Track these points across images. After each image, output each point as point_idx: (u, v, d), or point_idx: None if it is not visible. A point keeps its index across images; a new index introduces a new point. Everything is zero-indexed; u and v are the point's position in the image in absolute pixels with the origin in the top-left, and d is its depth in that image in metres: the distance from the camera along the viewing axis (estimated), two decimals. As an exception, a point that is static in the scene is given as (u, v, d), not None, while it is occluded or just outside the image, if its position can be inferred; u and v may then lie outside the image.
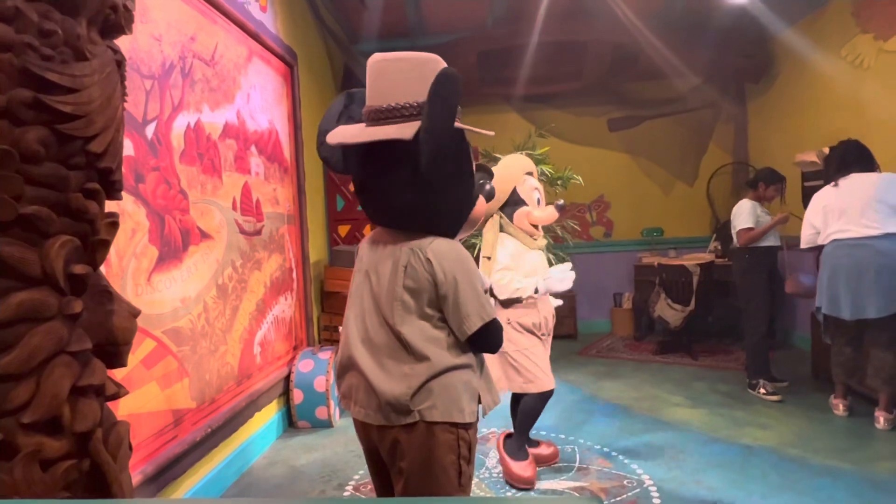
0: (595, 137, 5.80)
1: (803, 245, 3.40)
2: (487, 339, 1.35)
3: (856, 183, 3.10)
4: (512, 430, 2.71)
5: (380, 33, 5.22)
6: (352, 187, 4.49)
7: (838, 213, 3.13)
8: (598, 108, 5.75)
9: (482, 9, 4.98)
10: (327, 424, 3.41)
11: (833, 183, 3.22)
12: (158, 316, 2.18)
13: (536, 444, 2.80)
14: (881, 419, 3.08)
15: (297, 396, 3.39)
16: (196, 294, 2.47)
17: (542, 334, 2.58)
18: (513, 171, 2.62)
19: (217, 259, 2.67)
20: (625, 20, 4.46)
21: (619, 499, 2.41)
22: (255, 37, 3.17)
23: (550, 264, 2.74)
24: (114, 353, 1.03)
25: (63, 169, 0.91)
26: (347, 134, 1.34)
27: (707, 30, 4.73)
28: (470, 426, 1.36)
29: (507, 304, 2.53)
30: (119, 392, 1.04)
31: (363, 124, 1.36)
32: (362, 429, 1.43)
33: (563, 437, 3.14)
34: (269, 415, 3.23)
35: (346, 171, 1.45)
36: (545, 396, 2.57)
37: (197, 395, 2.44)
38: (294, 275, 3.72)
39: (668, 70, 4.96)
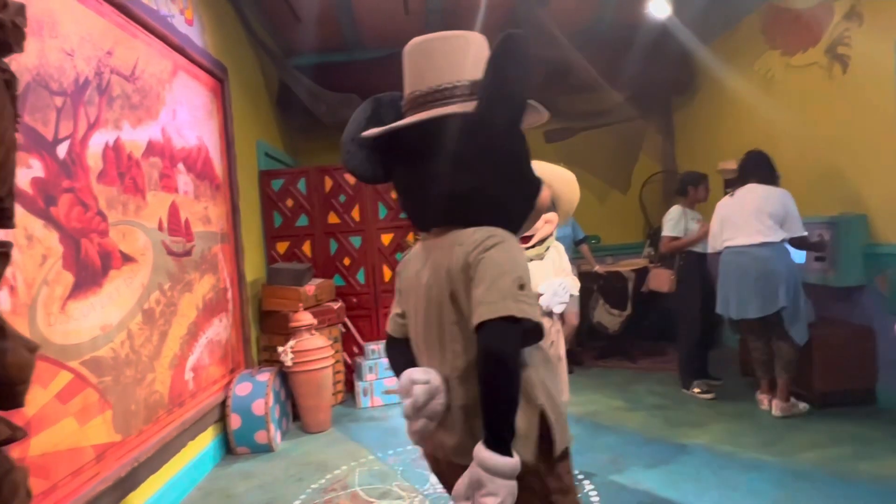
0: (532, 149, 5.90)
1: (709, 250, 3.70)
2: (500, 346, 1.00)
3: (748, 195, 3.36)
4: None
5: (315, 47, 5.17)
6: (290, 202, 4.43)
7: (731, 223, 3.40)
8: (535, 121, 5.88)
9: (418, 24, 5.03)
10: (267, 449, 3.30)
11: (730, 193, 3.48)
12: (75, 346, 2.05)
13: None
14: (770, 404, 3.39)
15: (235, 421, 3.26)
16: (119, 321, 2.34)
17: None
18: None
19: (142, 283, 2.54)
20: (557, 37, 4.61)
21: (561, 506, 2.44)
22: (180, 50, 3.06)
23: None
24: (8, 393, 0.95)
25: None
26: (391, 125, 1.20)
27: (633, 46, 4.94)
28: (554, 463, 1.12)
29: None
30: (15, 435, 0.96)
31: (401, 121, 1.21)
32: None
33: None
34: (205, 443, 3.09)
35: (380, 177, 1.30)
36: None
37: (121, 428, 2.31)
38: (229, 295, 3.59)
39: (598, 84, 5.14)
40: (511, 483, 0.98)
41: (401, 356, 1.29)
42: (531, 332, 1.07)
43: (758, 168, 3.39)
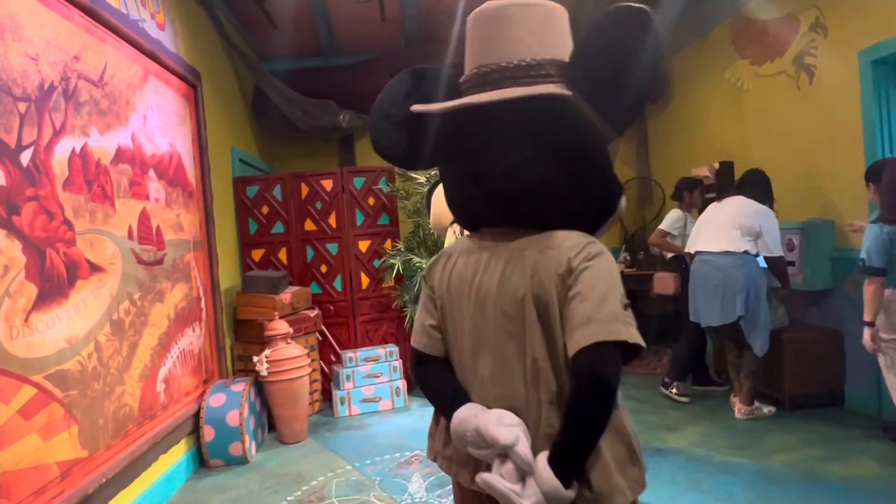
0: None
1: (686, 249, 3.77)
2: (611, 373, 0.87)
3: (730, 205, 3.42)
4: None
5: (291, 52, 5.13)
6: (265, 209, 4.37)
7: (705, 229, 3.47)
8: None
9: (394, 31, 5.03)
10: (242, 461, 3.23)
11: (717, 200, 3.55)
12: (39, 360, 1.99)
13: None
14: (736, 408, 3.46)
15: (208, 433, 3.19)
16: (86, 332, 2.27)
17: None
18: None
19: (111, 293, 2.48)
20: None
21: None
22: (151, 55, 3.01)
23: None
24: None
25: None
26: (451, 103, 1.01)
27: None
28: None
29: None
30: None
31: (459, 99, 1.02)
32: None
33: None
34: (177, 456, 3.02)
35: (421, 161, 1.14)
36: None
37: (88, 443, 2.24)
38: (203, 304, 3.52)
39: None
40: None
41: (444, 381, 1.07)
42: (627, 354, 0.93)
43: (752, 186, 3.43)
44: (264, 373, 3.45)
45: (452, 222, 2.54)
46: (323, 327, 4.33)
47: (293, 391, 3.53)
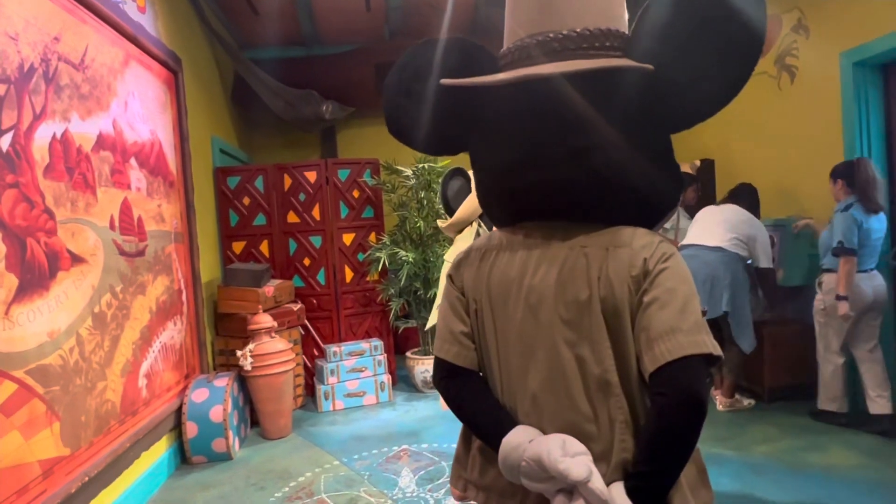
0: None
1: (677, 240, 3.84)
2: (701, 390, 0.78)
3: (729, 209, 3.49)
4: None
5: (272, 41, 5.02)
6: (246, 201, 4.27)
7: (699, 225, 3.53)
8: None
9: (378, 21, 4.96)
10: (226, 457, 3.16)
11: (717, 203, 3.63)
12: (21, 354, 1.90)
13: None
14: (718, 400, 3.55)
15: (191, 430, 3.11)
16: (67, 326, 2.18)
17: None
18: None
19: (92, 285, 2.39)
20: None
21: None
22: (132, 39, 2.90)
23: None
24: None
25: None
26: (502, 75, 0.86)
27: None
28: None
29: None
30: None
31: (508, 72, 0.88)
32: None
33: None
34: (159, 452, 2.93)
35: (449, 145, 1.01)
36: None
37: (70, 441, 2.15)
38: (184, 297, 3.43)
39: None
40: None
41: (484, 399, 0.93)
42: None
43: (744, 198, 3.53)
44: (248, 367, 3.38)
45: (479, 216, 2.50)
46: (306, 321, 4.26)
47: (278, 386, 3.47)
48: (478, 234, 2.55)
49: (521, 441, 0.82)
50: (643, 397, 0.85)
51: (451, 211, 2.68)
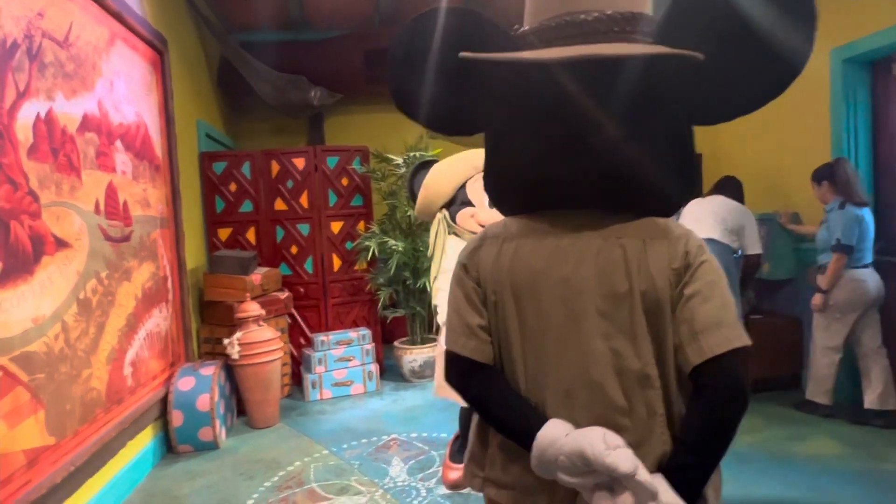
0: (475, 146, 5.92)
1: None
2: (746, 385, 0.80)
3: (717, 201, 3.50)
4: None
5: (259, 24, 4.92)
6: (233, 187, 4.19)
7: (688, 216, 3.52)
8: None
9: (368, 7, 4.88)
10: (212, 446, 3.12)
11: (703, 196, 3.63)
12: (5, 340, 1.84)
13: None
14: None
15: (177, 418, 3.06)
16: (52, 312, 2.12)
17: None
18: (464, 167, 2.31)
19: (77, 270, 2.32)
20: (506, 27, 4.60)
21: None
22: (117, 17, 2.80)
23: None
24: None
25: None
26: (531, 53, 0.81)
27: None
28: None
29: None
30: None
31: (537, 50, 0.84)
32: None
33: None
34: (144, 441, 2.88)
35: (463, 123, 0.96)
36: None
37: (55, 430, 2.10)
38: (169, 284, 3.36)
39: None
40: None
41: (511, 395, 0.89)
42: None
43: (730, 191, 3.53)
44: (235, 356, 3.34)
45: (441, 207, 2.46)
46: (293, 310, 4.22)
47: (265, 375, 3.43)
48: (447, 225, 2.40)
49: (557, 435, 0.80)
50: (679, 390, 0.85)
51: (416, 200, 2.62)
